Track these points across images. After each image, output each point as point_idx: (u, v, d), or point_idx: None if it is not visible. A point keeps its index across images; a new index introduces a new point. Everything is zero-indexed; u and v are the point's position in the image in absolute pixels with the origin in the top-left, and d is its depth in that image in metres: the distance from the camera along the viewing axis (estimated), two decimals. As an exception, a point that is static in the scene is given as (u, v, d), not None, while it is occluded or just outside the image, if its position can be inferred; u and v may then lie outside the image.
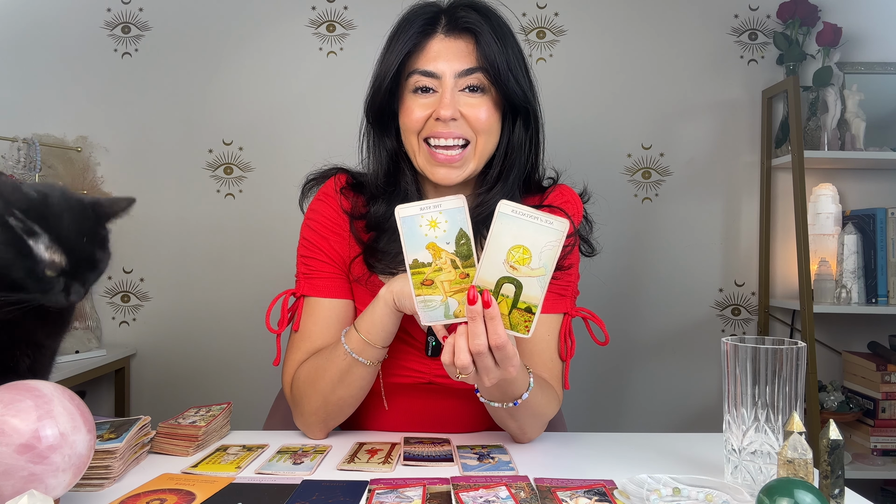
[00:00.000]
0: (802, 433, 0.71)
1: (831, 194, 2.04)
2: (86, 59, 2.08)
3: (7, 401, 0.66)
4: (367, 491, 0.81)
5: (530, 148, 1.07)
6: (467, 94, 1.00)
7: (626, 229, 2.10)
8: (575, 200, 1.12)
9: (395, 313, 0.94)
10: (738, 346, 0.79)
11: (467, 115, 0.99)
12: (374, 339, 0.95)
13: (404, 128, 1.02)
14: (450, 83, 0.99)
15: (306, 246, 1.09)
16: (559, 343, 1.07)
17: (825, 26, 2.00)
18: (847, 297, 1.96)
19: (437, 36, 1.01)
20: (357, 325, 0.97)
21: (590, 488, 0.81)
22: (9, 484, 0.64)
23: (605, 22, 2.10)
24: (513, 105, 1.02)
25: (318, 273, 1.07)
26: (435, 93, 1.00)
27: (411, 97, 1.01)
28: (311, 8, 2.10)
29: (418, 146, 1.01)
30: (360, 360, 0.96)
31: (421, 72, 0.99)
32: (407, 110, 1.01)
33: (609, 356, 2.10)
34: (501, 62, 0.99)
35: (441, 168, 1.00)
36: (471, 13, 1.01)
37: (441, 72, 0.99)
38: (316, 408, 1.01)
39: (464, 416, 1.10)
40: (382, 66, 1.02)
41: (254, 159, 2.10)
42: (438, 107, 0.98)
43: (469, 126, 1.00)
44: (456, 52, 0.99)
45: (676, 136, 2.11)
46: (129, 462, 0.88)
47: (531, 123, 1.06)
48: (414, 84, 1.00)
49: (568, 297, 1.08)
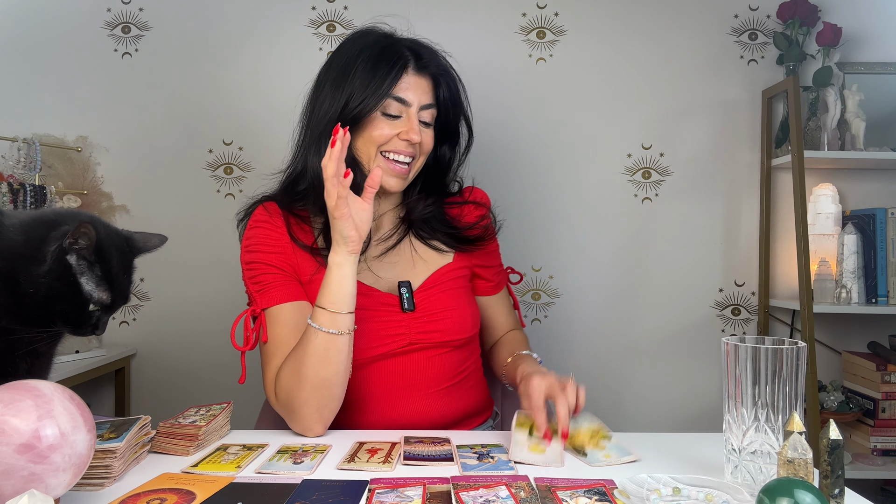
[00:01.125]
0: (802, 433, 0.71)
1: (831, 194, 2.04)
2: (86, 59, 2.08)
3: (7, 400, 0.66)
4: (368, 490, 0.81)
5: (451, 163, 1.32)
6: (421, 125, 1.20)
7: (626, 229, 2.10)
8: (483, 194, 1.38)
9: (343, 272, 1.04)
10: (738, 346, 0.79)
11: (421, 141, 1.19)
12: (339, 306, 1.04)
13: (369, 139, 1.17)
14: (414, 113, 1.18)
15: (251, 268, 1.16)
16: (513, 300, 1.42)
17: (825, 26, 2.00)
18: (847, 297, 1.96)
19: (410, 71, 1.19)
20: (319, 303, 1.04)
21: (590, 488, 0.81)
22: (9, 483, 0.64)
23: (605, 22, 2.10)
24: (444, 133, 1.27)
25: (270, 284, 1.14)
26: (399, 117, 1.18)
27: (381, 118, 1.17)
28: (311, 8, 2.10)
29: (375, 156, 1.18)
30: (332, 332, 1.03)
31: (397, 98, 1.17)
32: (376, 127, 1.17)
33: (609, 356, 2.10)
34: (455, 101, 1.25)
35: (393, 178, 1.19)
36: (434, 57, 1.22)
37: (411, 101, 1.18)
38: (306, 398, 1.04)
39: (441, 369, 1.19)
40: (367, 88, 1.16)
41: (254, 159, 2.10)
42: (409, 131, 1.16)
43: (419, 147, 1.20)
44: (423, 88, 1.20)
45: (676, 136, 2.11)
46: (130, 462, 0.89)
47: (458, 147, 1.31)
48: (385, 108, 1.17)
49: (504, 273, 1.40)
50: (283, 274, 1.15)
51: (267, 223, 1.19)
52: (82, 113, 2.07)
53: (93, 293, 0.72)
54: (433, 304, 1.20)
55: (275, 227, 1.19)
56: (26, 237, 0.71)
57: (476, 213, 1.34)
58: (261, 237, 1.18)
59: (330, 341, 1.03)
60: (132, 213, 2.07)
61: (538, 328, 2.10)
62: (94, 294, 0.72)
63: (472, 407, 1.24)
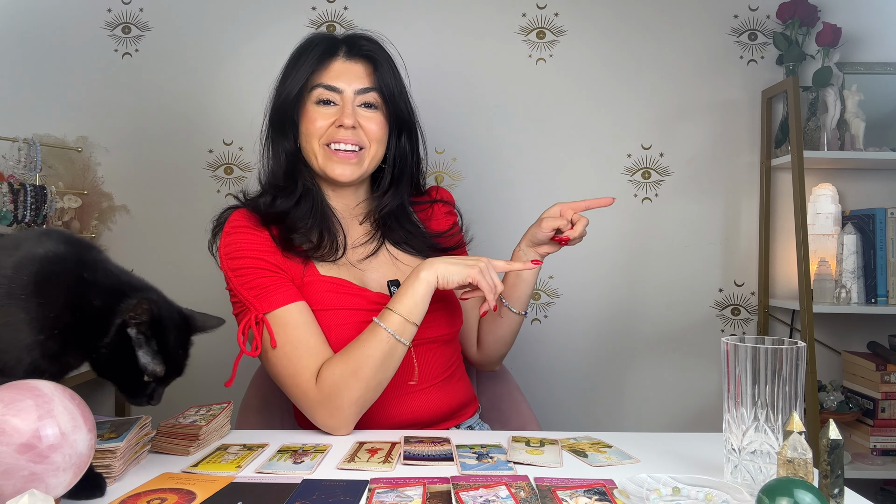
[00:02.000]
0: (802, 433, 0.71)
1: (831, 194, 2.04)
2: (86, 59, 2.08)
3: (7, 400, 0.66)
4: (368, 490, 0.81)
5: (413, 157, 1.30)
6: (363, 109, 1.20)
7: (626, 229, 2.10)
8: (446, 192, 1.39)
9: (431, 291, 1.07)
10: (738, 345, 0.79)
11: (363, 126, 1.19)
12: (416, 318, 1.06)
13: (307, 133, 1.20)
14: (350, 98, 1.19)
15: (241, 273, 1.13)
16: None
17: (825, 26, 2.00)
18: (847, 297, 1.96)
19: (339, 58, 1.21)
20: (394, 308, 1.06)
21: (590, 487, 0.82)
22: (9, 483, 0.65)
23: (605, 22, 2.10)
24: (399, 122, 1.25)
25: (268, 289, 1.11)
26: (335, 105, 1.19)
27: (314, 108, 1.19)
28: (311, 8, 2.10)
29: (318, 149, 1.19)
30: (401, 340, 1.05)
31: (325, 86, 1.19)
32: (310, 119, 1.19)
33: (609, 356, 2.10)
34: (395, 86, 1.22)
35: (339, 164, 1.18)
36: (369, 44, 1.23)
37: (342, 87, 1.19)
38: (358, 397, 1.05)
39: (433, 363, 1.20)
40: (288, 80, 1.21)
41: (254, 159, 2.10)
42: (342, 116, 1.17)
43: (364, 135, 1.19)
44: (356, 73, 1.20)
45: (676, 137, 2.11)
46: (130, 461, 0.89)
47: (414, 138, 1.29)
48: (317, 97, 1.19)
49: None
50: (278, 276, 1.13)
51: (246, 227, 1.17)
52: (82, 113, 2.07)
53: (147, 366, 0.77)
54: None
55: (256, 230, 1.16)
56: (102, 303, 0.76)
57: (448, 219, 1.35)
58: (243, 241, 1.15)
59: (394, 347, 1.05)
60: (132, 213, 2.07)
61: (538, 328, 2.10)
62: (149, 367, 0.77)
63: (462, 400, 1.25)
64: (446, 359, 1.24)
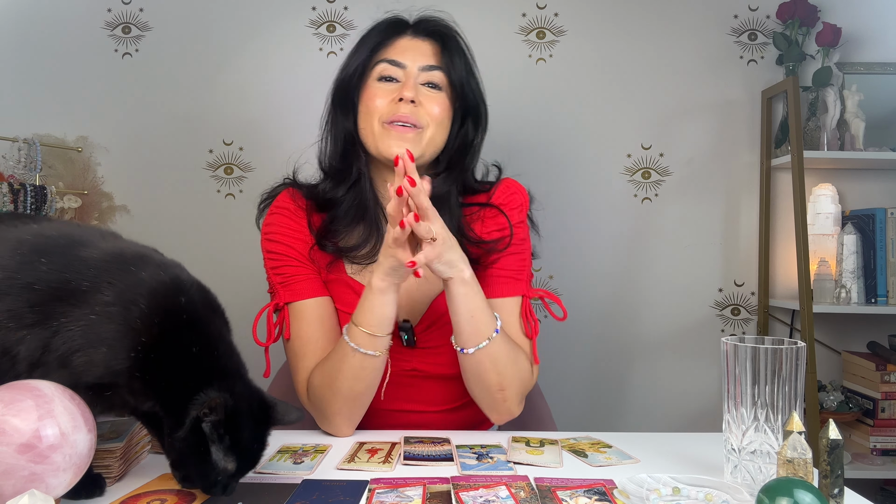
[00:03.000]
0: (802, 433, 0.71)
1: (831, 194, 2.04)
2: (86, 59, 2.08)
3: (7, 400, 0.66)
4: (368, 490, 0.81)
5: (473, 147, 1.19)
6: (427, 88, 1.12)
7: (626, 229, 2.10)
8: (520, 191, 1.22)
9: (385, 298, 0.99)
10: (737, 345, 0.79)
11: (424, 104, 1.10)
12: (376, 329, 0.99)
13: (366, 111, 1.12)
14: (413, 73, 1.12)
15: (273, 258, 1.12)
16: (522, 323, 1.13)
17: (825, 26, 2.00)
18: (847, 297, 1.96)
19: (406, 36, 1.15)
20: (356, 321, 1.00)
21: (590, 488, 0.82)
22: (9, 483, 0.64)
23: (605, 22, 2.10)
24: (464, 107, 1.16)
25: (294, 278, 1.10)
26: (397, 82, 1.12)
27: (376, 84, 1.12)
28: (311, 8, 2.10)
29: (377, 127, 1.10)
30: (368, 353, 1.00)
31: (388, 61, 1.12)
32: (371, 95, 1.12)
33: (609, 356, 2.10)
34: (463, 68, 1.15)
35: (395, 140, 1.08)
36: (439, 22, 1.17)
37: (406, 63, 1.12)
38: (339, 408, 1.04)
39: (450, 394, 1.15)
40: (353, 57, 1.15)
41: (254, 159, 2.10)
42: (402, 89, 1.10)
43: (425, 114, 1.10)
44: (422, 50, 1.14)
45: (676, 137, 2.11)
46: (130, 462, 0.89)
47: (480, 127, 1.20)
48: (380, 72, 1.12)
49: (523, 281, 1.16)
50: (306, 267, 1.11)
51: (288, 210, 1.14)
52: (82, 113, 2.07)
53: (219, 462, 0.76)
54: (434, 340, 1.13)
55: (296, 217, 1.14)
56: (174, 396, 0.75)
57: (496, 222, 1.17)
58: (280, 225, 1.13)
59: (365, 360, 1.01)
60: (132, 213, 2.07)
61: (538, 328, 2.10)
62: (220, 463, 0.76)
63: (474, 421, 1.19)
64: (459, 392, 1.13)
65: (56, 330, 0.71)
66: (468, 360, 1.04)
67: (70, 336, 0.71)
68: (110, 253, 0.77)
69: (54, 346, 0.71)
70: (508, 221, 1.15)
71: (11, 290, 0.72)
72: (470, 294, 1.01)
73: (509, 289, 1.13)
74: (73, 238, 0.79)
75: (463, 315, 1.01)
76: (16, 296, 0.72)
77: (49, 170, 1.92)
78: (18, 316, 0.71)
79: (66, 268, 0.73)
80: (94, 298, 0.72)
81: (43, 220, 0.85)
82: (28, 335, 0.71)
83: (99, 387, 0.73)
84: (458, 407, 1.16)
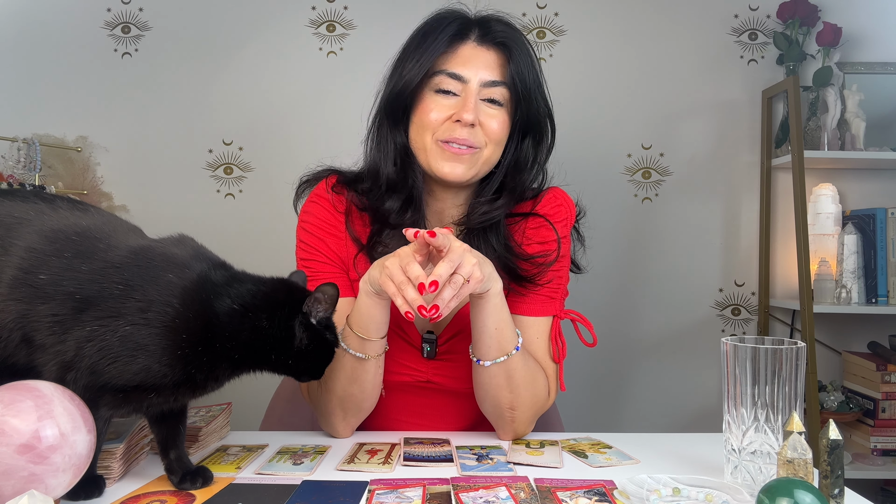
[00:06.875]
0: (802, 433, 0.71)
1: (831, 194, 2.04)
2: (86, 59, 2.08)
3: (7, 401, 0.66)
4: (367, 491, 0.81)
5: (534, 166, 1.11)
6: (486, 104, 1.03)
7: (626, 229, 2.10)
8: (567, 202, 1.14)
9: (377, 301, 0.95)
10: (737, 346, 0.79)
11: (483, 123, 1.02)
12: (369, 333, 0.97)
13: (420, 124, 1.04)
14: (474, 90, 1.02)
15: (304, 248, 1.09)
16: (550, 345, 1.08)
17: (825, 26, 2.00)
18: (847, 297, 1.96)
19: (469, 42, 1.04)
20: (349, 322, 0.99)
21: (590, 488, 0.81)
22: (9, 484, 0.64)
23: (605, 22, 2.10)
24: (525, 123, 1.07)
25: (321, 275, 1.07)
26: (456, 96, 1.02)
27: (432, 96, 1.03)
28: (311, 8, 2.10)
29: (431, 144, 1.03)
30: (361, 356, 0.98)
31: (448, 73, 1.02)
32: (426, 108, 1.03)
33: (609, 356, 2.10)
34: (530, 81, 1.05)
35: (448, 162, 1.02)
36: (506, 29, 1.05)
37: (468, 76, 1.02)
38: (332, 408, 1.03)
39: (461, 413, 1.11)
40: (409, 63, 1.04)
41: (254, 159, 2.10)
42: (462, 110, 1.00)
43: (484, 133, 1.02)
44: (485, 61, 1.03)
45: (676, 136, 2.11)
46: (130, 462, 0.88)
47: (544, 143, 1.11)
48: (437, 84, 1.03)
49: (557, 300, 1.10)
50: (334, 266, 1.07)
51: (327, 202, 1.08)
52: (82, 113, 2.07)
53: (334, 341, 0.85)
54: (454, 350, 1.08)
55: (334, 210, 1.08)
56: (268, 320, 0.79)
57: (539, 234, 1.09)
58: (316, 216, 1.08)
59: (359, 363, 0.98)
60: (132, 213, 2.07)
61: (538, 328, 2.10)
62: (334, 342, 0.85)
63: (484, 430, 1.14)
64: (469, 412, 1.10)
65: (89, 337, 0.73)
66: (483, 372, 0.99)
67: (107, 345, 0.73)
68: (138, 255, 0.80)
69: (87, 353, 0.73)
70: (557, 236, 1.08)
71: (57, 296, 0.75)
72: (500, 306, 0.96)
73: (542, 308, 1.07)
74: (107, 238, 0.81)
75: (489, 328, 0.96)
76: (60, 301, 0.74)
77: (48, 170, 1.92)
78: (61, 321, 0.74)
79: (102, 276, 0.76)
80: (125, 307, 0.74)
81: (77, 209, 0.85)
82: (67, 338, 0.74)
83: (141, 389, 0.75)
84: (465, 428, 1.13)
